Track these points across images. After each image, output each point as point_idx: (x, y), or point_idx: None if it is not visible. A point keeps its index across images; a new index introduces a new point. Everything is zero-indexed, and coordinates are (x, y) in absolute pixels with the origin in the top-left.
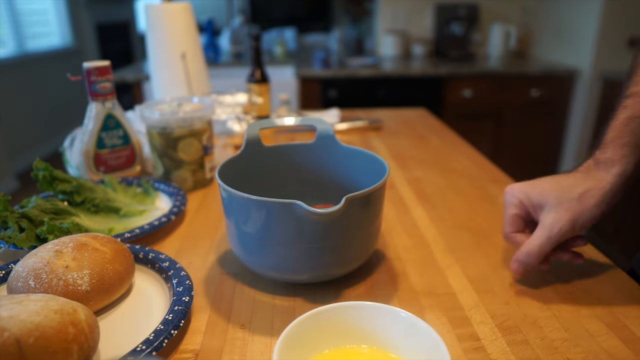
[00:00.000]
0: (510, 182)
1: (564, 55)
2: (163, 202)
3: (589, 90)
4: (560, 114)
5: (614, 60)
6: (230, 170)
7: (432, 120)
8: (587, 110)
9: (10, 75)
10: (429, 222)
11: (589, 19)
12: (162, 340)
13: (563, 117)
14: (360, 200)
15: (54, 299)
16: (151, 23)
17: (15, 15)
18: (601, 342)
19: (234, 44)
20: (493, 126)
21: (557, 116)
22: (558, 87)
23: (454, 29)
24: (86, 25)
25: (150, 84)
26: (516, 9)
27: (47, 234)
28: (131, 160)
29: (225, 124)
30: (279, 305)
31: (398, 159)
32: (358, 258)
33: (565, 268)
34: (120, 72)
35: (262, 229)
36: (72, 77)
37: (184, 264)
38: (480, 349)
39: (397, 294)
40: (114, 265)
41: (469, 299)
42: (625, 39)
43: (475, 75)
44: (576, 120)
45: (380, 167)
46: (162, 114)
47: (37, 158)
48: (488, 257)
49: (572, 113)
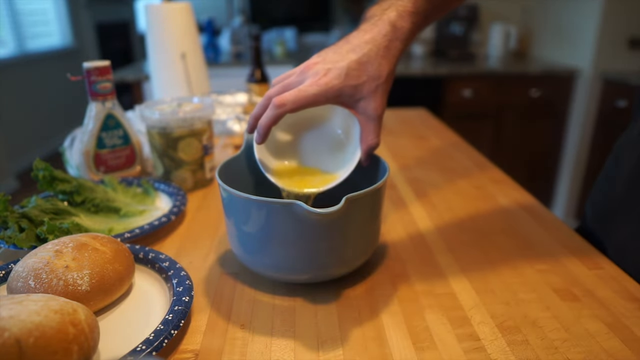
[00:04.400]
0: (510, 182)
1: (564, 55)
2: (163, 202)
3: (589, 90)
4: (560, 114)
5: (614, 60)
6: (230, 170)
7: (432, 120)
8: (587, 110)
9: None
10: (429, 222)
11: (589, 19)
12: (162, 340)
13: (563, 117)
14: (360, 200)
15: (54, 299)
16: (151, 23)
17: (15, 15)
18: (601, 342)
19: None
20: (493, 126)
21: (557, 116)
22: (558, 87)
23: (454, 29)
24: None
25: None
26: (516, 9)
27: (47, 234)
28: (131, 160)
29: (225, 124)
30: (279, 305)
31: (398, 159)
32: (358, 258)
33: (565, 268)
34: (120, 72)
35: (262, 229)
36: (72, 77)
37: (184, 264)
38: (480, 349)
39: (397, 294)
40: (114, 265)
41: (469, 299)
42: (625, 39)
43: (475, 75)
44: (576, 120)
45: (380, 167)
46: (162, 114)
47: (37, 158)
48: (488, 257)
49: (572, 113)
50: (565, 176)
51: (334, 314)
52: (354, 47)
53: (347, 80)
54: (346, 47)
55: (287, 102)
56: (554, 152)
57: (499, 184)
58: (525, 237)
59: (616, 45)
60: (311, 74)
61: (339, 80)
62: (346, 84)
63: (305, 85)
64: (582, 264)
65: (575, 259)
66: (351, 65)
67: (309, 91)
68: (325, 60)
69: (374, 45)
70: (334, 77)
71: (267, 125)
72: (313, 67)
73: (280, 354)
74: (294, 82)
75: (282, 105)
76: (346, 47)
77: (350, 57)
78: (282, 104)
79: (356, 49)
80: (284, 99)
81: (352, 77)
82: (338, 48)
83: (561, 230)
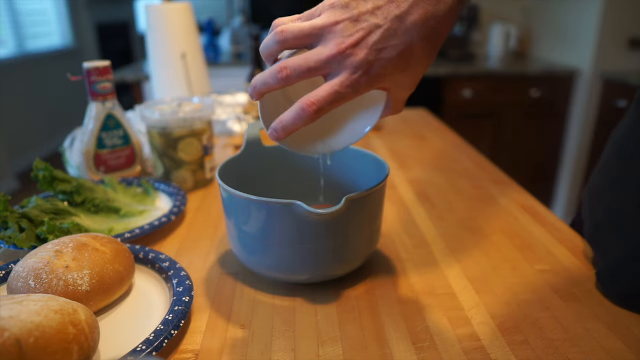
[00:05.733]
0: (510, 182)
1: (564, 55)
2: (163, 202)
3: (589, 90)
4: (560, 114)
5: (614, 60)
6: (230, 170)
7: (432, 120)
8: (587, 110)
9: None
10: (429, 222)
11: (589, 19)
12: (162, 340)
13: (563, 117)
14: (360, 200)
15: (54, 299)
16: (151, 23)
17: (15, 15)
18: (601, 342)
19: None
20: (493, 126)
21: (557, 116)
22: (558, 87)
23: (454, 29)
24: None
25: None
26: (516, 9)
27: (47, 234)
28: (131, 160)
29: (225, 124)
30: (279, 305)
31: (398, 159)
32: (358, 258)
33: (565, 268)
34: (120, 72)
35: (262, 229)
36: (72, 77)
37: (184, 264)
38: (480, 349)
39: (397, 294)
40: (114, 265)
41: (469, 299)
42: (625, 39)
43: (475, 75)
44: (576, 120)
45: (380, 167)
46: (162, 114)
47: (37, 158)
48: (488, 257)
49: (572, 113)
50: (565, 176)
51: (334, 314)
52: (403, 31)
53: (389, 77)
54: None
55: (323, 107)
56: (554, 152)
57: (499, 184)
58: (525, 237)
59: (616, 45)
60: (350, 65)
61: (382, 78)
62: (386, 79)
63: (343, 84)
64: (582, 264)
65: (575, 259)
66: (395, 61)
67: (348, 92)
68: (368, 43)
69: (423, 34)
70: (377, 75)
71: (293, 130)
72: (354, 54)
73: (280, 354)
74: (328, 71)
75: (318, 111)
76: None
77: (396, 44)
78: (318, 110)
79: (405, 35)
80: (319, 105)
81: (393, 72)
82: (381, 12)
83: (561, 230)
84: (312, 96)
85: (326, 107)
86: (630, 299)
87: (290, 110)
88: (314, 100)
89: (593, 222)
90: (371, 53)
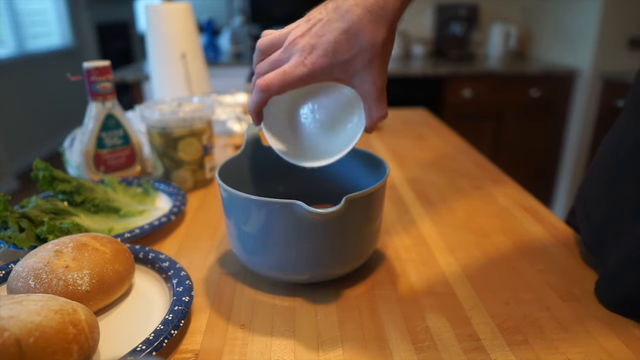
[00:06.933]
0: (510, 182)
1: (564, 55)
2: (163, 202)
3: (589, 90)
4: (560, 114)
5: (614, 60)
6: (230, 170)
7: (432, 120)
8: (587, 110)
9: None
10: (429, 222)
11: (589, 19)
12: (162, 340)
13: (563, 117)
14: (360, 200)
15: (54, 299)
16: (151, 23)
17: (15, 15)
18: (601, 342)
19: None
20: (493, 126)
21: (557, 116)
22: (558, 87)
23: (454, 29)
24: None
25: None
26: (516, 9)
27: (47, 234)
28: (131, 160)
29: (225, 124)
30: (279, 305)
31: (398, 159)
32: (358, 258)
33: (565, 268)
34: (120, 72)
35: (262, 229)
36: (72, 77)
37: (184, 264)
38: (480, 349)
39: (397, 294)
40: (114, 265)
41: (469, 299)
42: (625, 39)
43: (475, 76)
44: (576, 120)
45: (380, 167)
46: (162, 114)
47: (37, 158)
48: (488, 257)
49: (572, 113)
50: (565, 176)
51: (334, 314)
52: (342, 14)
53: (336, 57)
54: (333, 10)
55: (271, 85)
56: (554, 152)
57: (499, 184)
58: (525, 237)
59: (616, 45)
60: (296, 50)
61: (327, 58)
62: (335, 61)
63: (290, 65)
64: (582, 263)
65: (575, 259)
66: (339, 38)
67: (295, 73)
68: (311, 33)
69: (365, 8)
70: (320, 54)
71: (255, 109)
72: (299, 42)
73: (280, 354)
74: (279, 59)
75: (267, 89)
76: (333, 12)
77: (337, 26)
78: (267, 88)
79: (345, 16)
80: (268, 82)
81: (341, 52)
82: (325, 11)
83: (561, 230)
84: (265, 77)
85: (275, 84)
86: (623, 306)
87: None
88: (266, 79)
89: (590, 229)
90: (313, 38)
